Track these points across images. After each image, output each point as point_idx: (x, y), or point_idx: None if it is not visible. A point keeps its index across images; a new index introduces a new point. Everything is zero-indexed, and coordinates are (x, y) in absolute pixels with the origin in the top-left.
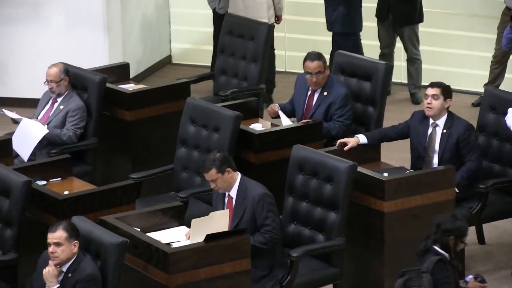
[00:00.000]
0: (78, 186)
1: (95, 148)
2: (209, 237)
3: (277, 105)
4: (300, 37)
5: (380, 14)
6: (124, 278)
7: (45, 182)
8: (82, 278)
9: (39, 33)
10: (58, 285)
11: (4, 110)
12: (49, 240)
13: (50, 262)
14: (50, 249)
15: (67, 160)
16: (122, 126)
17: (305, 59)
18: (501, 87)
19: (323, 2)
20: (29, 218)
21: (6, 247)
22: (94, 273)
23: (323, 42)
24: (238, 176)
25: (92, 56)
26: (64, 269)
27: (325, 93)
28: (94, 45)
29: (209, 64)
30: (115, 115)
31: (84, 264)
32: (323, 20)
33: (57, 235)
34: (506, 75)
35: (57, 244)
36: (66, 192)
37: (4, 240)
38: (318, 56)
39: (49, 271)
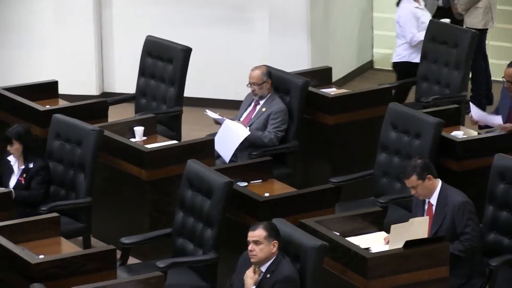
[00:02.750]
0: (278, 188)
1: (295, 151)
2: (408, 244)
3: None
4: (504, 45)
5: None
6: (322, 282)
7: (246, 184)
8: (281, 279)
9: (242, 36)
10: (254, 287)
11: (207, 110)
12: (249, 238)
13: (253, 266)
14: (249, 247)
15: (268, 162)
16: (323, 130)
17: (508, 67)
18: None
19: None
20: (229, 219)
21: (207, 246)
22: (292, 275)
23: None
24: (439, 183)
25: (295, 59)
26: (263, 269)
27: None
28: (297, 49)
29: None
30: (317, 119)
31: (283, 265)
32: None
33: (257, 233)
34: None
35: (256, 243)
36: (266, 194)
37: (205, 239)
38: None
39: (249, 274)
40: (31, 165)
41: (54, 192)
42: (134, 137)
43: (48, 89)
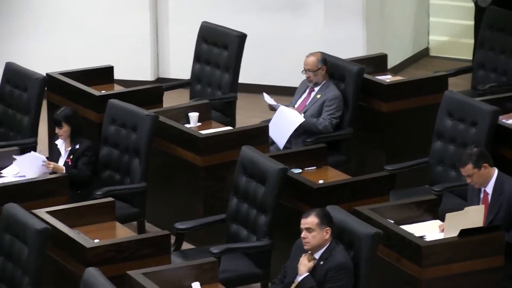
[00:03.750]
0: (333, 175)
1: (350, 139)
2: (463, 232)
3: None
4: None
5: None
6: (375, 269)
7: (300, 170)
8: (334, 266)
9: (298, 22)
10: (307, 274)
11: (264, 94)
12: (301, 226)
13: (307, 253)
14: (302, 234)
15: (323, 149)
16: (378, 117)
17: None
18: None
19: None
20: (283, 206)
21: (260, 233)
22: (346, 262)
23: None
24: (495, 172)
25: (350, 46)
26: (317, 256)
27: None
28: (352, 35)
29: (467, 57)
30: (372, 106)
31: (337, 252)
32: None
33: (309, 220)
34: None
35: (309, 230)
36: (320, 181)
37: (259, 226)
38: None
39: (303, 261)
40: (77, 146)
41: (109, 177)
42: (189, 123)
43: (104, 74)
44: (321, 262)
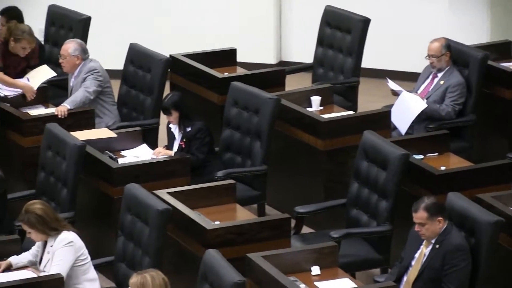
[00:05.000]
0: (455, 162)
1: (473, 125)
2: None
3: None
4: None
5: None
6: (496, 257)
7: (422, 157)
8: (451, 249)
9: (422, 8)
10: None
11: (388, 79)
12: (414, 219)
13: None
14: (415, 227)
15: (445, 135)
16: (502, 104)
17: None
18: None
19: None
20: (404, 191)
21: (381, 218)
22: (463, 243)
23: None
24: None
25: (475, 32)
26: (432, 241)
27: None
28: (476, 21)
29: None
30: (495, 93)
31: (452, 235)
32: None
33: (419, 215)
34: None
35: (421, 224)
36: (442, 168)
37: (379, 211)
38: None
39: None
40: (188, 129)
41: (230, 159)
42: (311, 107)
43: (227, 57)
44: (437, 246)
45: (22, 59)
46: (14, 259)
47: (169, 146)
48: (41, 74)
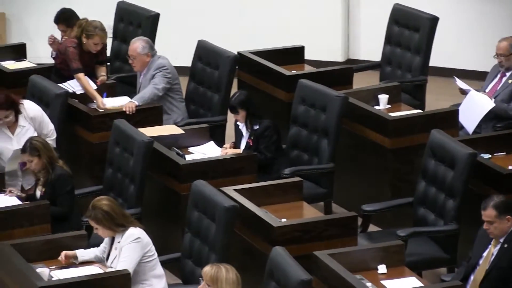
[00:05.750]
0: None
1: None
2: None
3: None
4: None
5: None
6: None
7: (489, 156)
8: None
9: (491, 6)
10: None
11: (456, 78)
12: (482, 217)
13: None
14: (484, 225)
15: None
16: None
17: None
18: None
19: None
20: (471, 191)
21: (448, 217)
22: None
23: None
24: None
25: None
26: (501, 240)
27: None
28: None
29: None
30: None
31: None
32: None
33: (487, 213)
34: None
35: (489, 222)
36: (510, 167)
37: (446, 210)
38: None
39: None
40: (256, 127)
41: (297, 156)
42: (378, 105)
43: (295, 54)
44: (505, 245)
45: (93, 55)
46: (80, 252)
47: (236, 144)
48: (117, 102)
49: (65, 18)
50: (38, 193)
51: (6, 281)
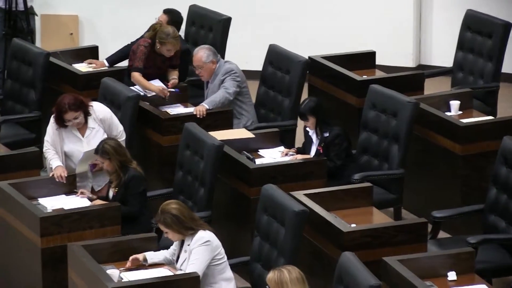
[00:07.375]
0: None
1: None
2: None
3: None
4: None
5: None
6: None
7: None
8: None
9: None
10: None
11: None
12: None
13: None
14: None
15: None
16: None
17: None
18: None
19: None
20: None
21: None
22: None
23: None
24: None
25: None
26: None
27: None
28: None
29: None
30: None
31: None
32: None
33: None
34: None
35: None
36: None
37: None
38: None
39: None
40: (326, 134)
41: (367, 161)
42: (450, 111)
43: (366, 59)
44: None
45: (166, 59)
46: (149, 254)
47: (305, 149)
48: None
49: (171, 17)
50: (111, 194)
51: (77, 282)
